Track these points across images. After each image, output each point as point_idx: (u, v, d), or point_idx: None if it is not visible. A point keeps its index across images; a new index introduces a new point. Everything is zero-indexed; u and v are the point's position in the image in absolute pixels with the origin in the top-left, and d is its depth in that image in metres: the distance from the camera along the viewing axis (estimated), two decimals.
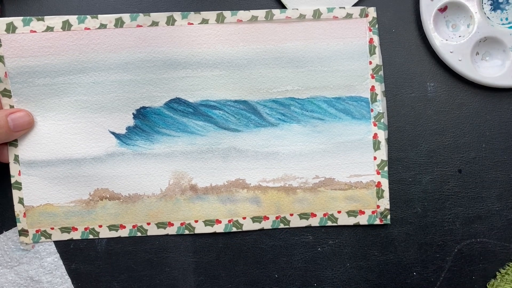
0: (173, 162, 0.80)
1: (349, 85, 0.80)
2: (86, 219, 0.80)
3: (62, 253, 0.80)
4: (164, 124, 0.79)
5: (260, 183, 0.80)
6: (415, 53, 0.82)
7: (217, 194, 0.80)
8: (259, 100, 0.79)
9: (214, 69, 0.78)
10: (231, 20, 0.78)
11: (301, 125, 0.80)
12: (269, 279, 0.81)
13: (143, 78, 0.78)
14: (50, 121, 0.78)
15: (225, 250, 0.81)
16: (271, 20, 0.78)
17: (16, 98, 0.77)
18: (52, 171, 0.79)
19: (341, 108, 0.80)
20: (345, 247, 0.81)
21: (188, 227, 0.80)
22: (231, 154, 0.80)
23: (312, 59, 0.79)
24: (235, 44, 0.78)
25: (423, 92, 0.81)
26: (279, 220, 0.80)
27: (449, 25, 0.82)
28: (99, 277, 0.80)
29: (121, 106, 0.78)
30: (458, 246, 0.82)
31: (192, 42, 0.78)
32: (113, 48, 0.77)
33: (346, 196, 0.80)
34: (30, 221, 0.79)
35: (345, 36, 0.79)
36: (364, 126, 0.80)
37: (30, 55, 0.76)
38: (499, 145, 0.82)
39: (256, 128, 0.79)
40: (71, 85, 0.78)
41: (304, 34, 0.79)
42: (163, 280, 0.81)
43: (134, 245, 0.80)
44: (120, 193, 0.79)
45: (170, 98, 0.79)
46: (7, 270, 0.80)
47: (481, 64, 0.82)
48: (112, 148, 0.79)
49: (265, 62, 0.79)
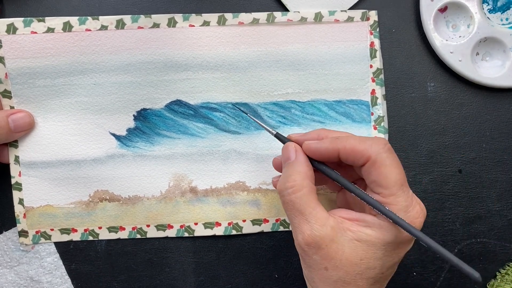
0: (173, 164, 0.80)
1: (349, 89, 0.80)
2: (86, 221, 0.80)
3: (62, 253, 0.80)
4: (165, 126, 0.79)
5: (260, 186, 0.80)
6: (415, 53, 0.82)
7: (217, 197, 0.80)
8: (260, 102, 0.79)
9: (215, 71, 0.78)
10: (233, 22, 0.78)
11: (301, 128, 0.80)
12: (269, 279, 0.81)
13: (144, 80, 0.78)
14: (50, 122, 0.78)
15: (225, 250, 0.81)
16: (273, 22, 0.78)
17: (16, 99, 0.77)
18: (52, 172, 0.79)
19: (342, 111, 0.80)
20: None
21: (188, 229, 0.80)
22: (231, 156, 0.80)
23: (313, 62, 0.79)
24: (236, 47, 0.78)
25: (423, 92, 0.81)
26: (278, 223, 0.80)
27: (449, 25, 0.82)
28: (99, 277, 0.81)
29: (121, 108, 0.78)
30: (458, 246, 0.82)
31: (193, 44, 0.78)
32: (114, 49, 0.77)
33: None
34: (30, 222, 0.79)
35: (346, 40, 0.79)
36: (365, 129, 0.80)
37: (30, 56, 0.76)
38: (499, 145, 0.82)
39: (256, 131, 0.79)
40: (71, 87, 0.78)
41: (305, 37, 0.79)
42: (163, 280, 0.81)
43: (134, 245, 0.80)
44: (120, 195, 0.79)
45: (171, 100, 0.79)
46: (7, 270, 0.80)
47: (481, 65, 0.82)
48: (113, 150, 0.79)
49: (266, 65, 0.79)
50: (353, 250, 0.61)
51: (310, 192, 0.63)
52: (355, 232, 0.61)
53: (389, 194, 0.62)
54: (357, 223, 0.62)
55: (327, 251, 0.60)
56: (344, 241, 0.61)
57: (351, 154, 0.63)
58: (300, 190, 0.63)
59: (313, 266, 0.62)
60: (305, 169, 0.65)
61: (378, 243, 0.61)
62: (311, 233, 0.61)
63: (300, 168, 0.65)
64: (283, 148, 0.68)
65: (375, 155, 0.62)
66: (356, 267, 0.61)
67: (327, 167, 0.67)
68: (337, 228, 0.61)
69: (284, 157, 0.68)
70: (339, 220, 0.63)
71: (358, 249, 0.61)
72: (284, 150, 0.68)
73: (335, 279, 0.61)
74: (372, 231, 0.61)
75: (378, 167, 0.62)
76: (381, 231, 0.61)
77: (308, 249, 0.61)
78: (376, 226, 0.61)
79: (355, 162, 0.64)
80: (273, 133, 0.71)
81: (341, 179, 0.66)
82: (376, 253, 0.61)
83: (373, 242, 0.61)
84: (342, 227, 0.62)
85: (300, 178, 0.64)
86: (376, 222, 0.62)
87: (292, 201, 0.63)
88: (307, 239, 0.61)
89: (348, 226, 0.62)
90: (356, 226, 0.62)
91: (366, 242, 0.61)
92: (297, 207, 0.62)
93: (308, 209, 0.62)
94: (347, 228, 0.62)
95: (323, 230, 0.61)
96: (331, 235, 0.61)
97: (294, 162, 0.66)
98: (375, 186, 0.63)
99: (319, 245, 0.60)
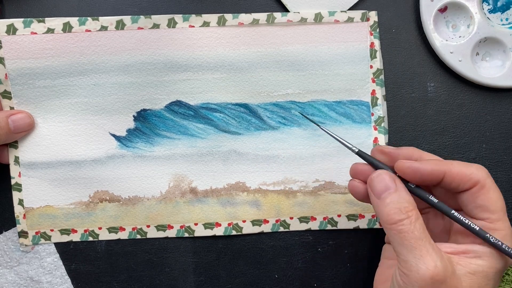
0: (173, 164, 0.80)
1: (349, 89, 0.80)
2: (86, 221, 0.80)
3: (62, 253, 0.80)
4: (165, 127, 0.79)
5: (260, 186, 0.80)
6: (415, 54, 0.82)
7: (217, 197, 0.80)
8: (260, 103, 0.79)
9: (215, 72, 0.78)
10: (233, 23, 0.78)
11: (301, 128, 0.80)
12: (269, 280, 0.81)
13: (143, 81, 0.78)
14: (50, 122, 0.78)
15: (225, 251, 0.81)
16: (273, 23, 0.78)
17: (16, 99, 0.77)
18: (52, 173, 0.79)
19: (342, 112, 0.80)
20: (345, 248, 0.81)
21: (188, 230, 0.80)
22: (231, 157, 0.80)
23: (313, 63, 0.79)
24: (236, 47, 0.78)
25: (423, 92, 0.81)
26: (278, 223, 0.80)
27: (449, 26, 0.82)
28: (99, 277, 0.81)
29: (121, 108, 0.78)
30: None
31: (193, 44, 0.78)
32: (114, 50, 0.77)
33: (346, 200, 0.80)
34: (29, 222, 0.79)
35: (346, 40, 0.79)
36: (365, 130, 0.80)
37: (30, 56, 0.76)
38: (499, 145, 0.82)
39: (256, 131, 0.79)
40: (71, 87, 0.78)
41: (305, 38, 0.79)
42: (163, 280, 0.81)
43: (134, 245, 0.80)
44: (120, 196, 0.79)
45: (171, 101, 0.79)
46: (7, 270, 0.80)
47: (481, 65, 0.82)
48: (112, 150, 0.79)
49: (266, 65, 0.79)
50: (469, 284, 0.59)
51: (423, 222, 0.61)
52: (467, 266, 0.60)
53: (497, 219, 0.61)
54: (465, 256, 0.61)
55: (450, 285, 0.58)
56: (460, 274, 0.59)
57: (457, 177, 0.62)
58: (418, 219, 0.60)
59: None
60: (411, 198, 0.62)
61: (491, 273, 0.60)
62: (436, 264, 0.57)
63: (407, 197, 0.62)
64: (377, 177, 0.64)
65: (484, 179, 0.61)
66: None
67: (426, 192, 0.65)
68: (451, 261, 0.60)
69: (379, 188, 0.63)
70: (445, 254, 0.60)
71: (473, 282, 0.59)
72: (379, 179, 0.64)
73: None
74: (484, 261, 0.60)
75: (487, 191, 0.61)
76: (493, 259, 0.60)
77: (431, 283, 0.58)
78: (487, 255, 0.60)
79: (460, 186, 0.62)
80: (354, 150, 0.69)
81: (443, 206, 0.64)
82: (488, 283, 0.60)
83: (486, 273, 0.60)
84: (453, 261, 0.60)
85: (412, 207, 0.61)
86: (486, 251, 0.60)
87: (414, 230, 0.59)
88: (432, 271, 0.57)
89: (457, 260, 0.60)
90: (465, 259, 0.60)
91: (480, 273, 0.59)
92: (419, 236, 0.59)
93: (429, 239, 0.59)
94: (456, 262, 0.60)
95: (445, 262, 0.58)
96: (452, 268, 0.59)
97: (400, 191, 0.62)
98: (480, 212, 0.61)
99: (445, 279, 0.57)
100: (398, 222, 0.60)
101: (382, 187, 0.63)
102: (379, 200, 0.63)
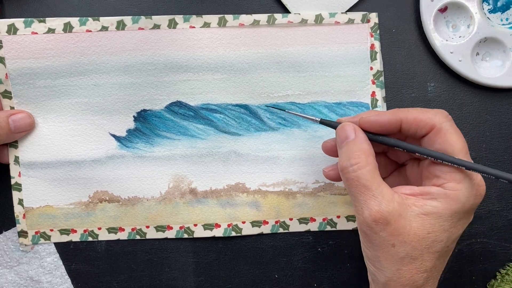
0: (173, 165, 0.80)
1: (350, 91, 0.80)
2: (86, 221, 0.80)
3: (62, 253, 0.80)
4: (165, 127, 0.79)
5: (260, 187, 0.80)
6: (415, 53, 0.82)
7: (217, 198, 0.80)
8: (260, 104, 0.79)
9: (215, 72, 0.78)
10: (233, 24, 0.78)
11: (301, 129, 0.80)
12: (269, 280, 0.81)
13: (144, 81, 0.78)
14: (50, 122, 0.78)
15: (225, 251, 0.81)
16: (273, 24, 0.78)
17: (16, 99, 0.77)
18: (52, 173, 0.79)
19: (342, 113, 0.80)
20: (345, 248, 0.82)
21: (187, 230, 0.80)
22: (231, 158, 0.80)
23: (313, 64, 0.79)
24: (237, 48, 0.78)
25: (424, 92, 0.81)
26: (278, 224, 0.81)
27: (449, 26, 0.82)
28: (99, 277, 0.81)
29: (121, 109, 0.79)
30: (458, 246, 0.82)
31: (194, 45, 0.78)
32: (114, 50, 0.77)
33: (346, 201, 0.80)
34: (29, 222, 0.79)
35: (346, 42, 0.79)
36: None
37: (31, 56, 0.76)
38: (499, 145, 0.82)
39: (256, 132, 0.80)
40: (72, 87, 0.78)
41: (305, 39, 0.79)
42: (163, 280, 0.81)
43: (134, 245, 0.81)
44: (120, 196, 0.80)
45: (171, 101, 0.79)
46: (7, 270, 0.80)
47: (481, 65, 0.82)
48: (112, 151, 0.79)
49: (266, 67, 0.79)
50: (420, 224, 0.61)
51: (375, 169, 0.64)
52: (421, 207, 0.62)
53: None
54: (422, 197, 0.63)
55: (395, 227, 0.61)
56: (411, 216, 0.61)
57: (414, 123, 0.64)
58: (366, 166, 0.63)
59: (379, 244, 0.62)
60: (368, 147, 0.66)
61: (445, 214, 0.62)
62: (379, 208, 0.61)
63: (362, 145, 0.66)
64: (339, 128, 0.68)
65: (439, 123, 0.63)
66: (423, 241, 0.61)
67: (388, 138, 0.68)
68: (403, 203, 0.62)
69: (341, 137, 0.68)
70: (403, 196, 0.63)
71: (425, 222, 0.61)
72: (341, 130, 0.68)
73: (402, 256, 0.62)
74: (438, 202, 0.62)
75: (444, 134, 0.63)
76: (447, 201, 0.62)
77: (375, 226, 0.61)
78: (442, 197, 0.62)
79: (417, 131, 0.65)
80: (317, 120, 0.71)
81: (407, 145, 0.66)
82: (443, 225, 0.62)
83: (440, 214, 0.61)
84: (407, 202, 0.62)
85: (364, 155, 0.64)
86: (441, 193, 0.62)
87: (358, 177, 0.63)
88: (375, 215, 0.61)
89: (413, 201, 0.62)
90: (421, 201, 0.63)
91: (433, 214, 0.61)
92: (364, 183, 0.63)
93: (375, 185, 0.62)
94: (412, 203, 0.62)
95: (391, 205, 0.61)
96: (399, 210, 0.61)
97: (355, 140, 0.66)
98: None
99: (388, 221, 0.61)
100: (343, 169, 0.65)
101: (343, 137, 0.67)
102: (340, 149, 0.67)
